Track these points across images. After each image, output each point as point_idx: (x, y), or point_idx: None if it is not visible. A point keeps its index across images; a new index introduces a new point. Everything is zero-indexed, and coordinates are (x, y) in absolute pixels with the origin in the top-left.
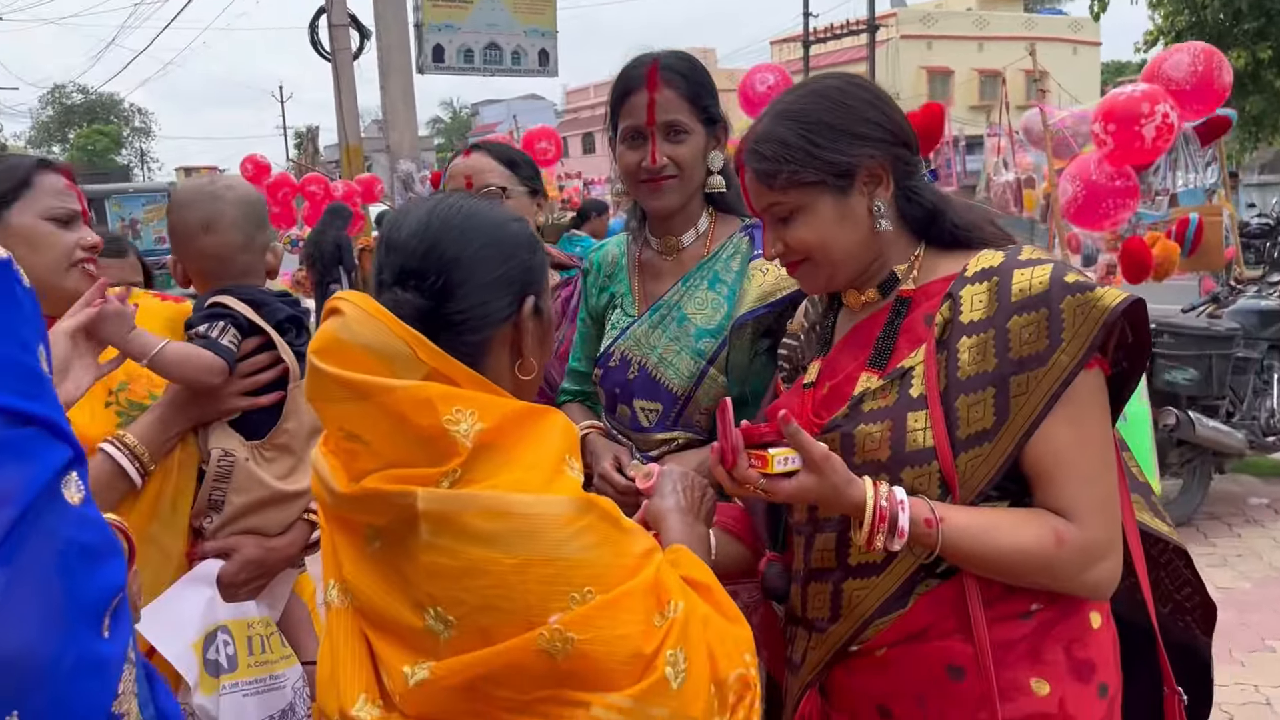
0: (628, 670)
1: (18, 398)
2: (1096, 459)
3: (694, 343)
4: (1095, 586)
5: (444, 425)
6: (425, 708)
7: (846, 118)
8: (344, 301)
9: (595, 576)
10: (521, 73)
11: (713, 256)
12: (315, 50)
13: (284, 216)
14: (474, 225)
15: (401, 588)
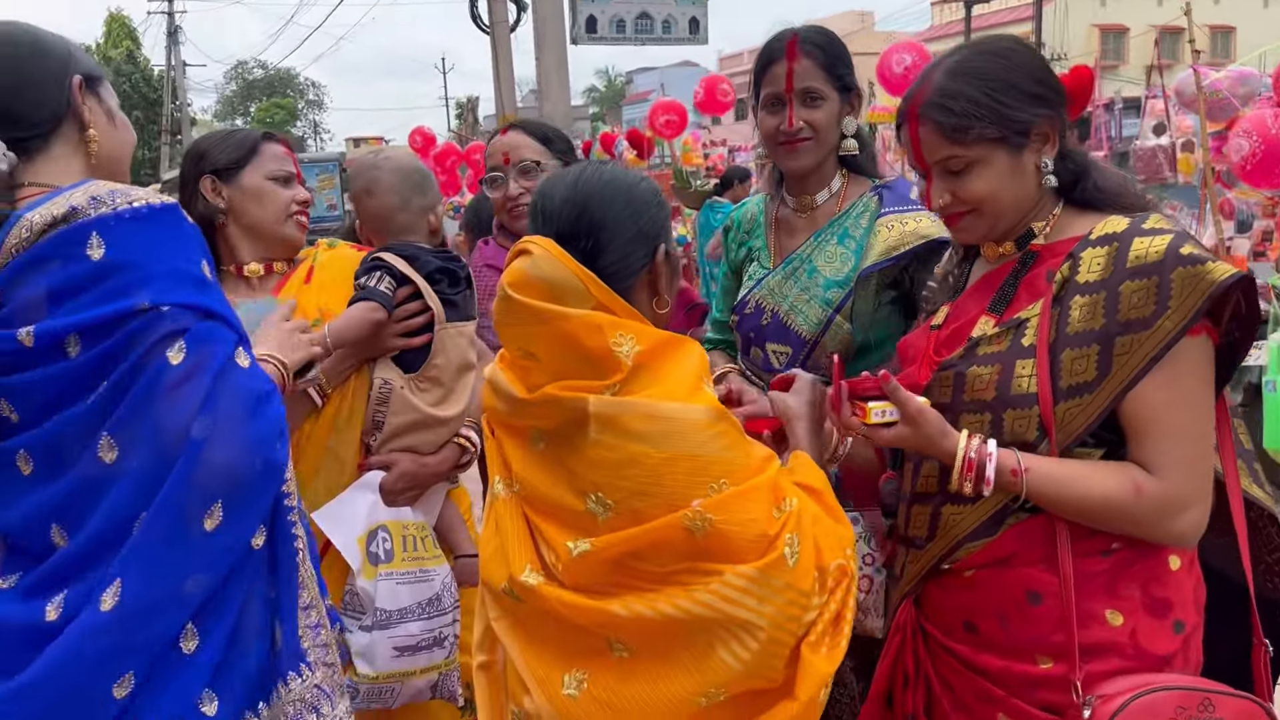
0: (754, 548)
1: (202, 297)
2: (1188, 419)
3: (823, 292)
4: (1179, 536)
5: (610, 347)
6: (581, 577)
7: (1026, 78)
8: (532, 244)
9: (729, 471)
10: (672, 41)
11: (843, 214)
12: (475, 23)
13: (450, 184)
14: (611, 192)
15: (566, 478)
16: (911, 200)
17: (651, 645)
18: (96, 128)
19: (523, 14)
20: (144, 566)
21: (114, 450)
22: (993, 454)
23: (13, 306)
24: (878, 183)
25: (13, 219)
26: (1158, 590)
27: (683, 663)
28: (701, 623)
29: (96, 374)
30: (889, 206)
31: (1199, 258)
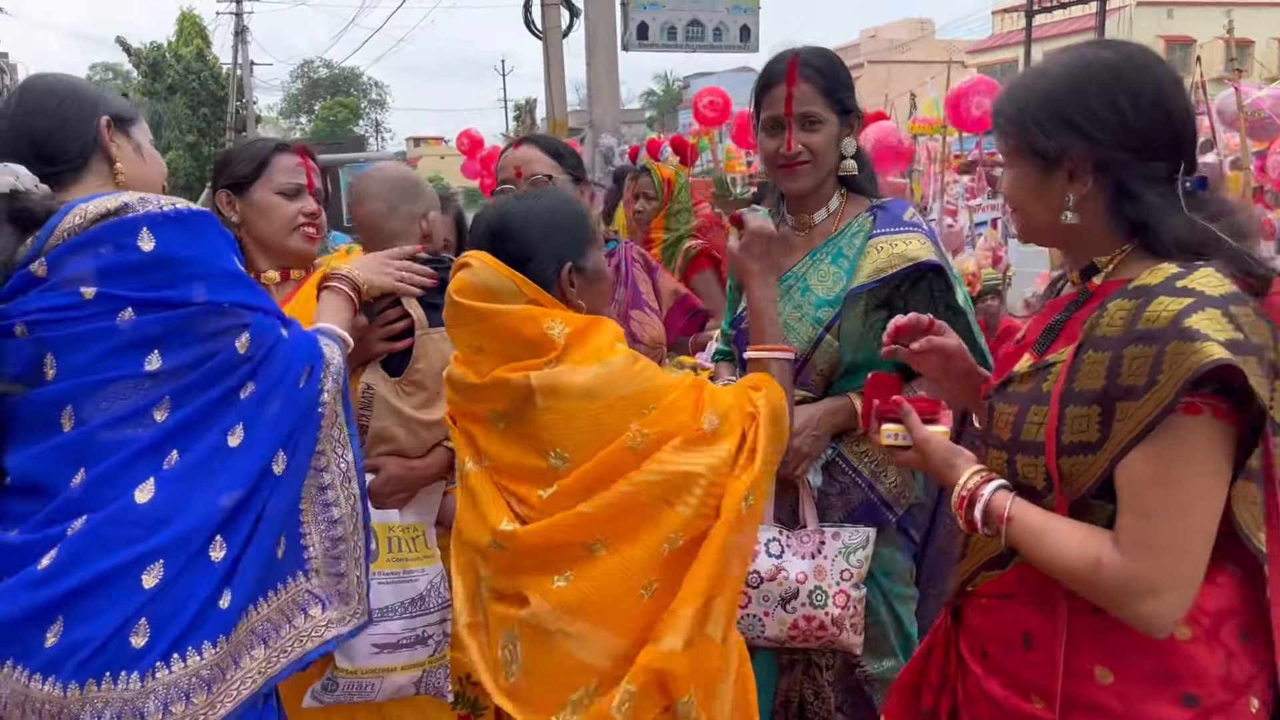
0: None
1: (251, 295)
2: (1170, 501)
3: (814, 311)
4: (1142, 621)
5: (544, 331)
6: (549, 509)
7: (1071, 101)
8: (472, 257)
9: (655, 396)
10: (722, 48)
11: (839, 234)
12: (528, 29)
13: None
14: (530, 217)
15: (526, 445)
16: (905, 222)
17: (618, 529)
18: (124, 162)
19: (575, 19)
20: (178, 475)
21: (164, 411)
22: (984, 496)
23: (60, 278)
24: (874, 203)
25: (66, 208)
26: (1159, 658)
27: (647, 525)
28: (651, 487)
29: (145, 343)
30: (881, 228)
31: (1195, 333)
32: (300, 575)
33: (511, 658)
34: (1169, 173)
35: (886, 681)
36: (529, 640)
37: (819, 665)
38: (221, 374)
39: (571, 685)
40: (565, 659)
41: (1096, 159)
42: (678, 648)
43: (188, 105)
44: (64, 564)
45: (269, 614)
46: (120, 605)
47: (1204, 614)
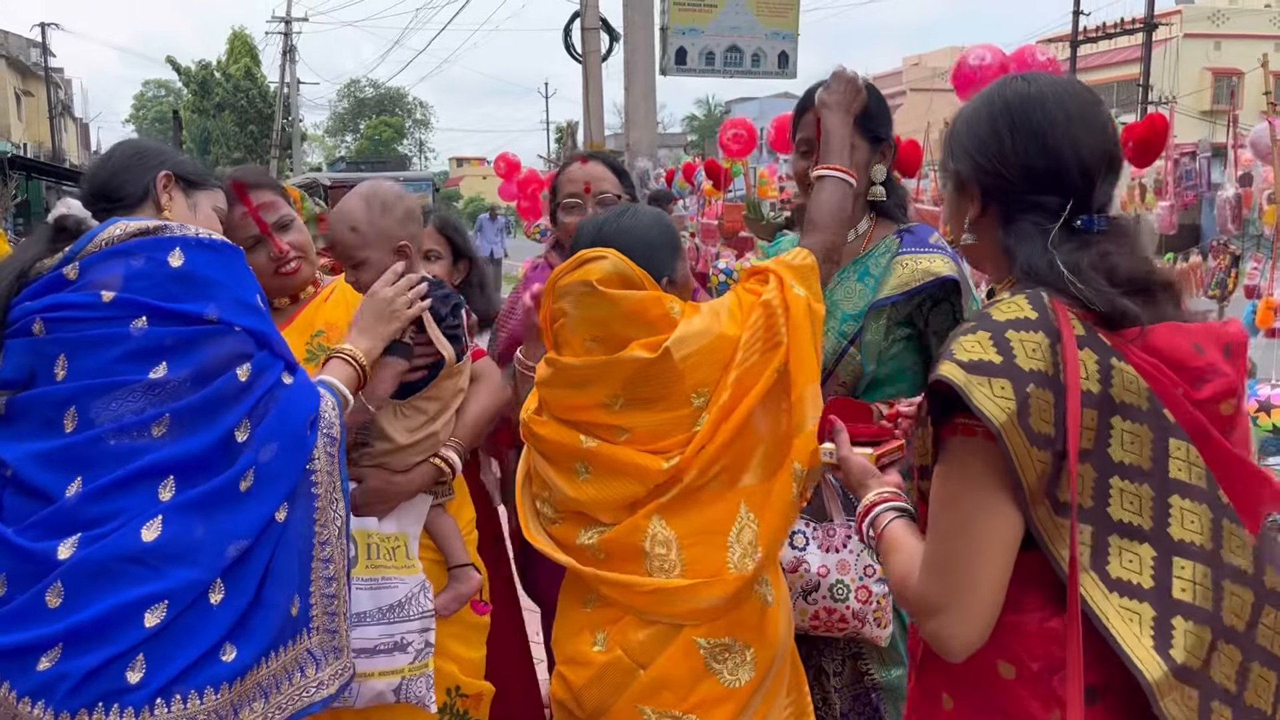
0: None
1: (261, 323)
2: (950, 520)
3: (839, 324)
4: (932, 639)
5: (667, 310)
6: (703, 440)
7: (965, 131)
8: (605, 252)
9: (740, 324)
10: (760, 74)
11: (867, 254)
12: (568, 52)
13: (533, 210)
14: (632, 222)
15: (663, 403)
16: (930, 244)
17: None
18: (173, 215)
19: (615, 44)
20: (185, 513)
21: (164, 428)
22: (874, 513)
23: (88, 281)
24: (901, 226)
25: (109, 221)
26: (989, 693)
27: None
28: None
29: (154, 352)
30: (907, 248)
31: (946, 353)
32: (305, 633)
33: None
34: (1057, 207)
35: (894, 690)
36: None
37: (827, 672)
38: (222, 403)
39: None
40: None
41: (981, 185)
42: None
43: (235, 123)
44: (71, 601)
45: (275, 669)
46: (119, 640)
47: (1031, 657)
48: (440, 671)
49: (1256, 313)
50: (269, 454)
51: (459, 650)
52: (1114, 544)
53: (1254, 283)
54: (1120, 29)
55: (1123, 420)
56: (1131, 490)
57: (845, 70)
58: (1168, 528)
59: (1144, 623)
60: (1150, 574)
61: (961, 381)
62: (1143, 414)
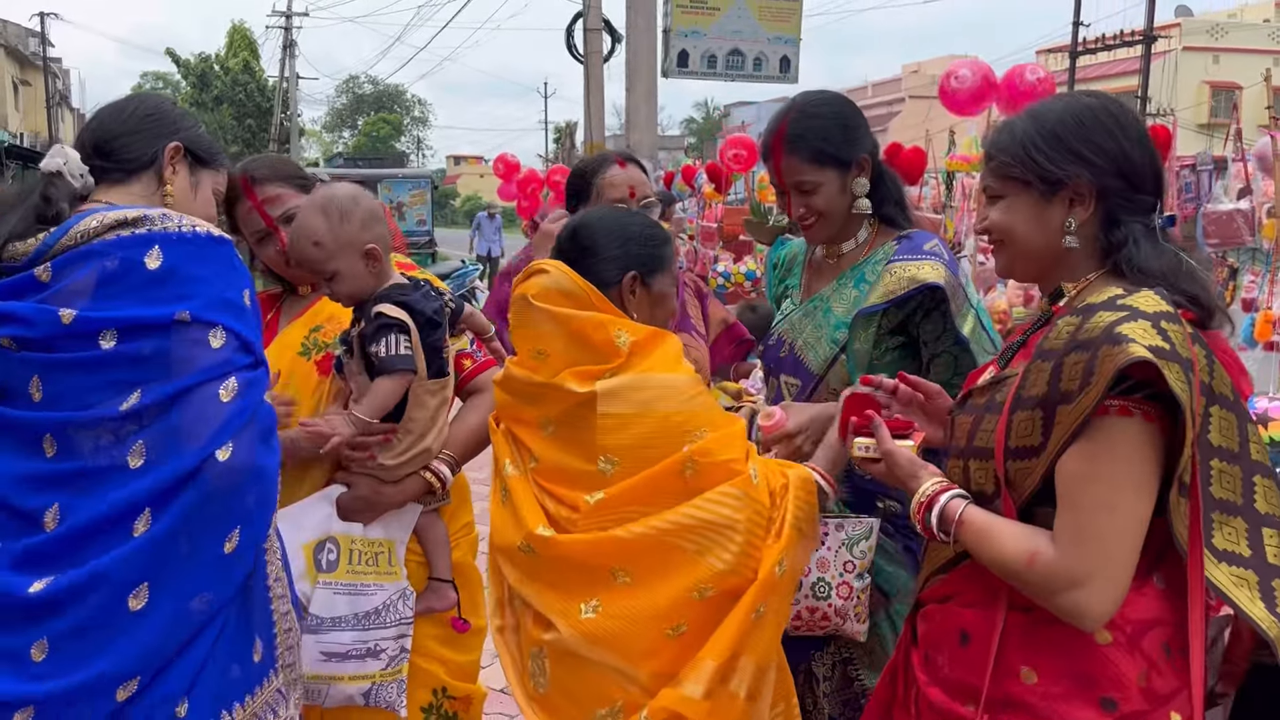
0: (729, 477)
1: (237, 323)
2: (1097, 496)
3: (832, 332)
4: (1068, 613)
5: (611, 338)
6: (592, 521)
7: (1076, 135)
8: (548, 265)
9: (708, 422)
10: (761, 78)
11: (865, 260)
12: (570, 52)
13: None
14: (603, 226)
15: (577, 450)
16: (924, 250)
17: (649, 564)
18: (174, 190)
19: (617, 45)
20: (166, 583)
21: (142, 458)
22: (940, 503)
23: (60, 286)
24: (901, 233)
25: (88, 211)
26: (1080, 661)
27: (678, 568)
28: (690, 530)
29: (128, 372)
30: (901, 255)
31: (1123, 337)
32: (272, 674)
33: (539, 671)
34: (1151, 206)
35: None
36: (556, 661)
37: (817, 677)
38: (204, 425)
39: (597, 703)
40: (592, 681)
41: (1098, 186)
42: (696, 695)
43: (234, 116)
44: (53, 665)
45: (246, 718)
46: (89, 713)
47: (1126, 621)
48: (425, 672)
49: (1255, 325)
50: (249, 504)
51: (445, 652)
52: (1216, 519)
53: (1252, 296)
54: (1120, 41)
55: (1219, 409)
56: (1228, 470)
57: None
58: (1254, 502)
59: (1252, 586)
60: (1246, 543)
61: (1158, 364)
62: (1230, 403)
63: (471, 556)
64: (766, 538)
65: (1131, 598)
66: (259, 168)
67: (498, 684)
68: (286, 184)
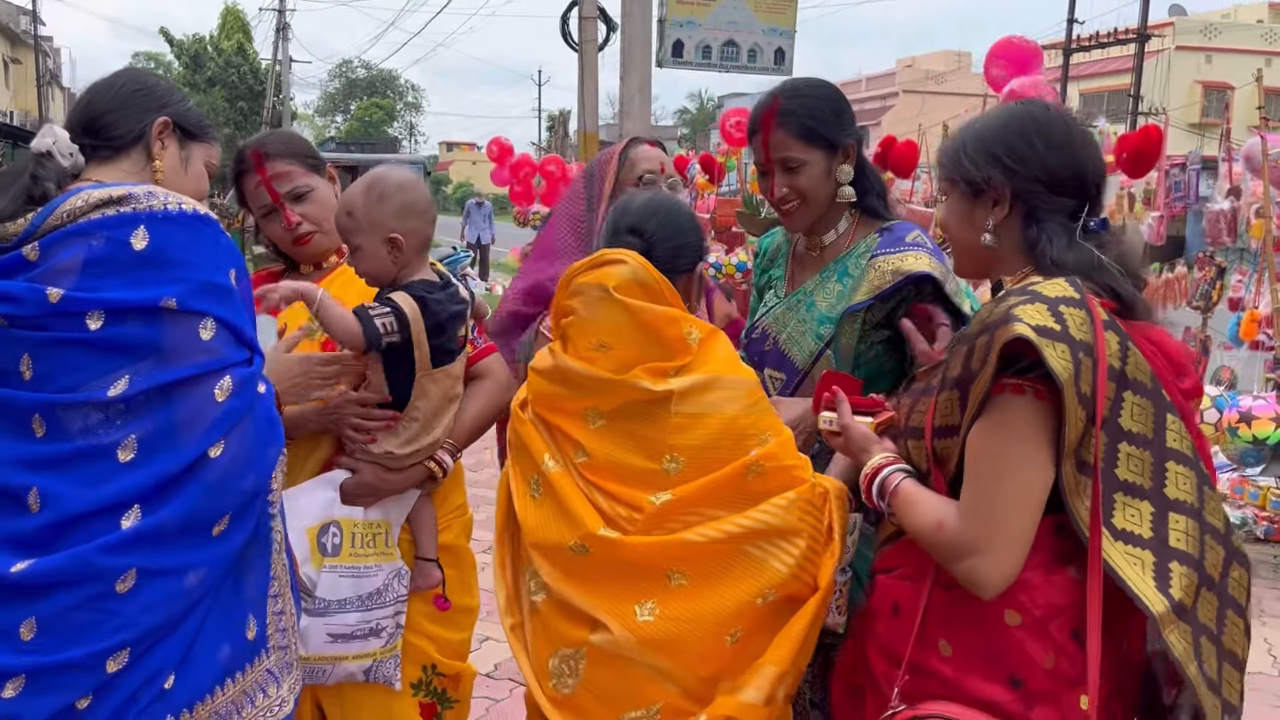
0: (789, 485)
1: (221, 308)
2: (992, 470)
3: (816, 327)
4: (966, 579)
5: (684, 334)
6: (658, 522)
7: (998, 141)
8: (626, 255)
9: (771, 426)
10: (756, 70)
11: (847, 253)
12: (564, 40)
13: (524, 195)
14: (669, 214)
15: (637, 446)
16: (907, 242)
17: (709, 568)
18: (164, 165)
19: (612, 34)
20: (155, 571)
21: (132, 453)
22: (882, 474)
23: (47, 266)
24: (883, 224)
25: (73, 190)
26: (990, 639)
27: (743, 573)
28: (758, 535)
29: (116, 356)
30: (883, 248)
31: (1014, 317)
32: (264, 654)
33: (569, 672)
34: (1074, 209)
35: None
36: (597, 661)
37: None
38: (195, 424)
39: (632, 704)
40: (634, 682)
41: (1014, 188)
42: (758, 702)
43: (226, 98)
44: (41, 643)
45: (233, 695)
46: (77, 687)
47: (1035, 606)
48: (415, 648)
49: (1240, 325)
50: (241, 491)
51: (436, 630)
52: (1119, 500)
53: (1239, 295)
54: (1113, 39)
55: (1133, 394)
56: (1136, 455)
57: None
58: (1164, 488)
59: (1146, 566)
60: (1150, 526)
61: (1036, 341)
62: (1147, 390)
63: (465, 539)
64: (824, 547)
65: (1041, 583)
66: (272, 144)
67: (484, 668)
68: (297, 161)
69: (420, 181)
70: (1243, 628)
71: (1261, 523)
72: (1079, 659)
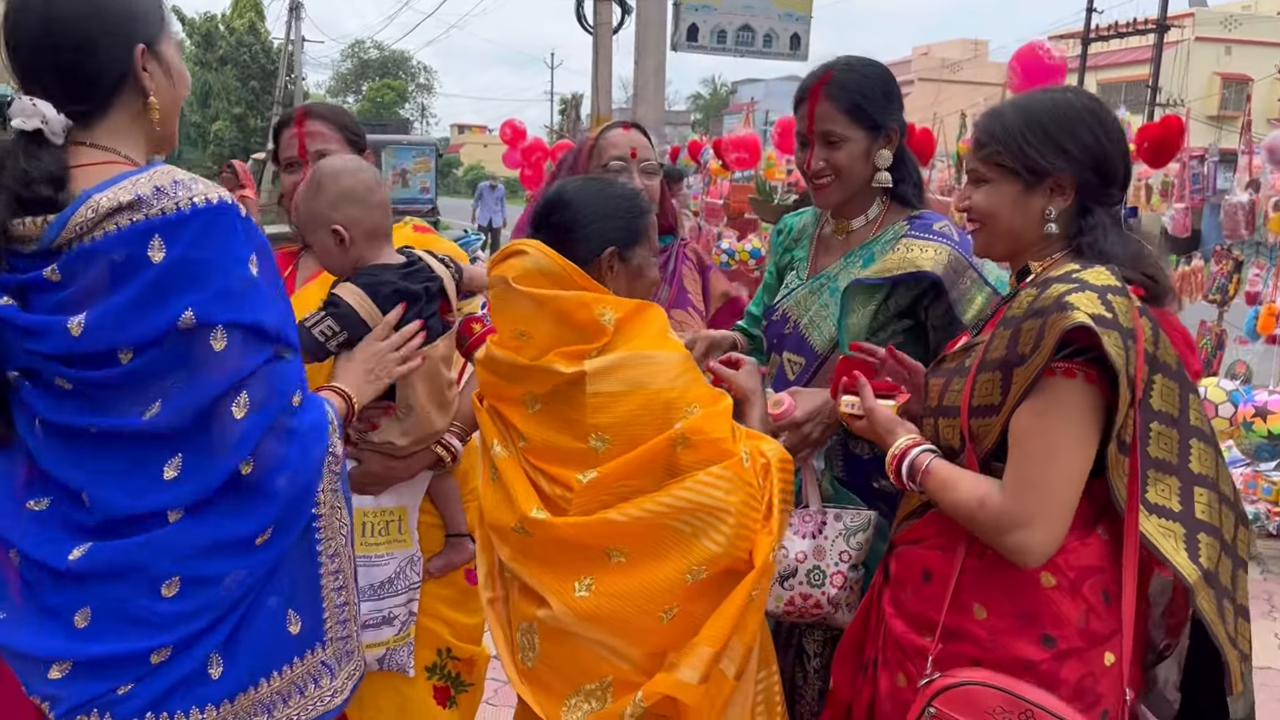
0: (719, 457)
1: (242, 312)
2: (1041, 448)
3: (838, 311)
4: (1011, 552)
5: (595, 317)
6: (587, 500)
7: (1063, 130)
8: (526, 245)
9: (698, 398)
10: (771, 55)
11: (874, 239)
12: (579, 23)
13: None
14: (585, 196)
15: (567, 427)
16: (934, 231)
17: (643, 545)
18: (158, 92)
19: (627, 17)
20: (195, 576)
21: (176, 471)
22: (911, 455)
23: (75, 289)
24: (913, 213)
25: (80, 199)
26: (1023, 601)
27: (672, 551)
28: (683, 512)
29: (147, 382)
30: (912, 232)
31: (1071, 305)
32: (318, 647)
33: (528, 646)
34: (1118, 199)
35: None
36: (547, 637)
37: (808, 653)
38: (224, 449)
39: (584, 677)
40: (583, 656)
41: (1077, 179)
42: (693, 681)
43: (237, 77)
44: (91, 631)
45: (280, 686)
46: (120, 677)
47: (1070, 568)
48: (430, 633)
49: (1258, 319)
50: (282, 490)
51: (450, 614)
52: (1151, 476)
53: (1256, 289)
54: (1132, 29)
55: (1163, 377)
56: (1165, 433)
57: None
58: (1189, 463)
59: (1178, 538)
60: (1178, 499)
61: (1098, 331)
62: (1173, 372)
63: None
64: (759, 521)
65: (1075, 546)
66: (319, 107)
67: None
68: (334, 128)
69: (362, 168)
70: (1245, 581)
71: (1275, 518)
72: (1107, 617)
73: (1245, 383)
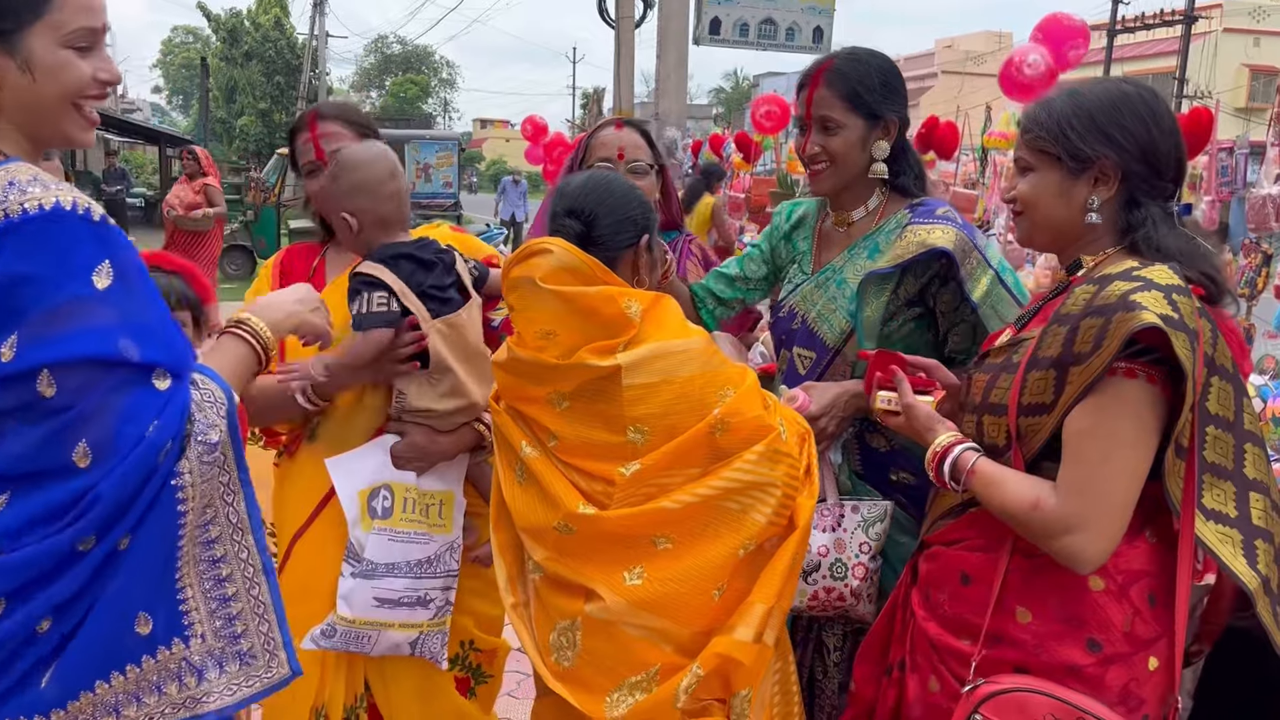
0: (758, 434)
1: (72, 345)
2: (1098, 450)
3: (848, 304)
4: (1063, 555)
5: (623, 310)
6: (631, 492)
7: (1109, 118)
8: (550, 243)
9: (728, 379)
10: (794, 48)
11: (876, 230)
12: (601, 17)
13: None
14: (607, 190)
15: (602, 423)
16: (938, 215)
17: (693, 528)
18: (5, 85)
19: (649, 11)
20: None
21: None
22: (954, 454)
23: None
24: (914, 202)
25: None
26: (1070, 604)
27: (724, 529)
28: (733, 493)
29: None
30: (917, 219)
31: (1138, 304)
32: (178, 643)
33: (567, 645)
34: (1170, 193)
35: None
36: (591, 632)
37: (828, 647)
38: (61, 513)
39: (632, 670)
40: (631, 648)
41: (1123, 168)
42: (749, 639)
43: (263, 73)
44: None
45: (125, 686)
46: None
47: (1118, 571)
48: (455, 624)
49: None
50: (110, 488)
51: (477, 605)
52: (1207, 481)
53: None
54: (1159, 20)
55: (1219, 380)
56: (1221, 437)
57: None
58: (1244, 468)
59: (1236, 545)
60: (1234, 505)
61: (1168, 332)
62: (1229, 375)
63: None
64: (800, 487)
65: (1124, 550)
66: (328, 107)
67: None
68: (347, 126)
69: (379, 159)
70: None
71: None
72: (1153, 622)
73: (1275, 378)
